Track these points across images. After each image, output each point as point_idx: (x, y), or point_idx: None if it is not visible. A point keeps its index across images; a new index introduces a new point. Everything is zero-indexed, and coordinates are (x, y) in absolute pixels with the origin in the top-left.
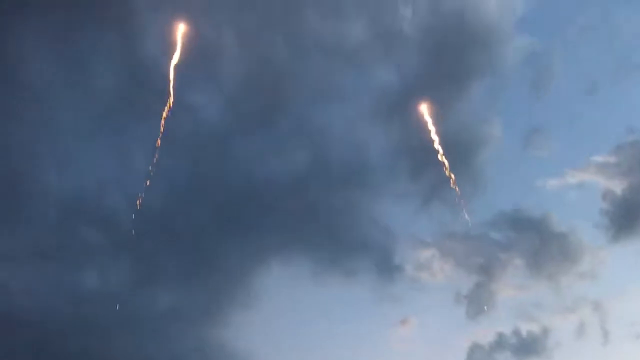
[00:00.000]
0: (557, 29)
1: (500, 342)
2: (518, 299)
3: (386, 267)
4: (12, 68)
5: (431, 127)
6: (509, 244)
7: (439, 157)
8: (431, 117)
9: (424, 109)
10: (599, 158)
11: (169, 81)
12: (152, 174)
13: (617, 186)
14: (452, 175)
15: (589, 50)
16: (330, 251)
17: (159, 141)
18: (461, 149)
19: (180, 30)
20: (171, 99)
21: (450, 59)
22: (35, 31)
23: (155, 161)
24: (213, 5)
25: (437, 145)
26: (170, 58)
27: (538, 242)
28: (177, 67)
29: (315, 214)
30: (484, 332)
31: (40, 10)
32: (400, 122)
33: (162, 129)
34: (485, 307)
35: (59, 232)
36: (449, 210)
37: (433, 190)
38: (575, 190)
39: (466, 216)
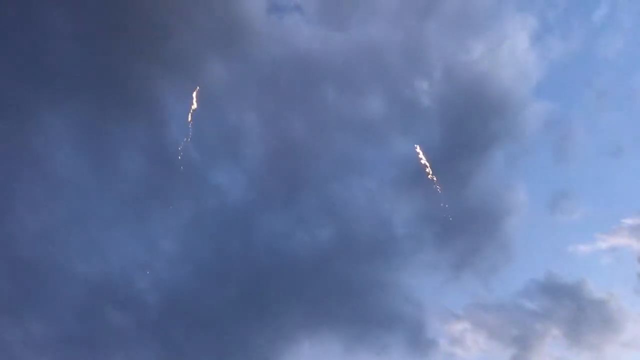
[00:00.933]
0: (574, 93)
1: None
2: None
3: (418, 342)
4: (40, 157)
5: (429, 170)
6: (544, 313)
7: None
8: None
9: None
10: (629, 221)
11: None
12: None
13: None
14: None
15: (609, 112)
16: (360, 327)
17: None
18: (487, 216)
19: (194, 110)
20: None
21: (470, 127)
22: (62, 121)
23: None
24: (234, 86)
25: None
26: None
27: (575, 310)
28: (199, 149)
29: (343, 289)
30: None
31: (66, 102)
32: (423, 192)
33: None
34: None
35: (86, 317)
36: (479, 279)
37: (462, 259)
38: (608, 254)
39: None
